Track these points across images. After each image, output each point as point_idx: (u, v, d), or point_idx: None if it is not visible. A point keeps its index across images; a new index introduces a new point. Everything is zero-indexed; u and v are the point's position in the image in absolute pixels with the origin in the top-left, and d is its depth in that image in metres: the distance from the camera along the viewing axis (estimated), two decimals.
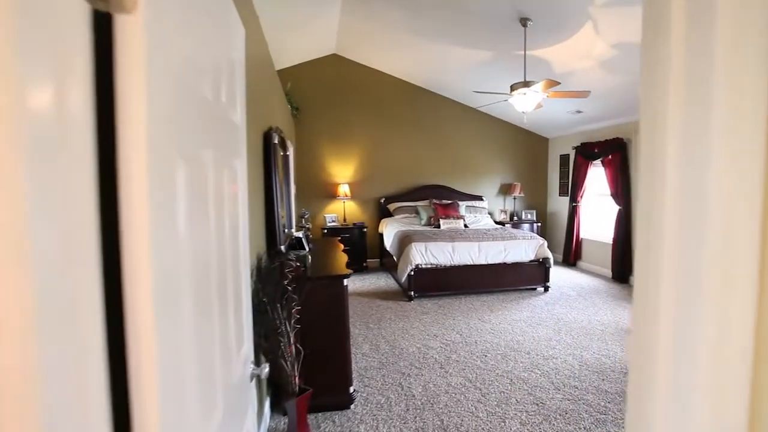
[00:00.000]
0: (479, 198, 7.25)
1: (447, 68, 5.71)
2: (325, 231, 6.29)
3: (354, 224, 6.53)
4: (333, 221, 6.54)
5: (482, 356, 3.37)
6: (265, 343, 1.92)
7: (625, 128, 5.87)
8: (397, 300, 4.95)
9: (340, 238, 4.32)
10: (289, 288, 2.18)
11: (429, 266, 4.92)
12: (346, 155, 6.77)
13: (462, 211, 6.68)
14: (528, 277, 5.26)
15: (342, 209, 6.71)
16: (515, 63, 4.79)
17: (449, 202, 6.71)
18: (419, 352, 3.44)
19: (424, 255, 4.87)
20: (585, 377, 3.01)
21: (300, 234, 3.11)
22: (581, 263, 6.88)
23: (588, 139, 6.55)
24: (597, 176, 6.49)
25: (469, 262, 5.02)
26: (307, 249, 3.21)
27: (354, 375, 3.00)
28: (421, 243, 4.90)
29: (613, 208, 6.01)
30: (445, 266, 4.97)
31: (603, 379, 2.98)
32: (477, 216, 6.79)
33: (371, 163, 6.88)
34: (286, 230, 3.38)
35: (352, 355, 3.34)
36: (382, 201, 6.86)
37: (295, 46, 5.73)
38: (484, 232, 5.46)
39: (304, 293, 2.27)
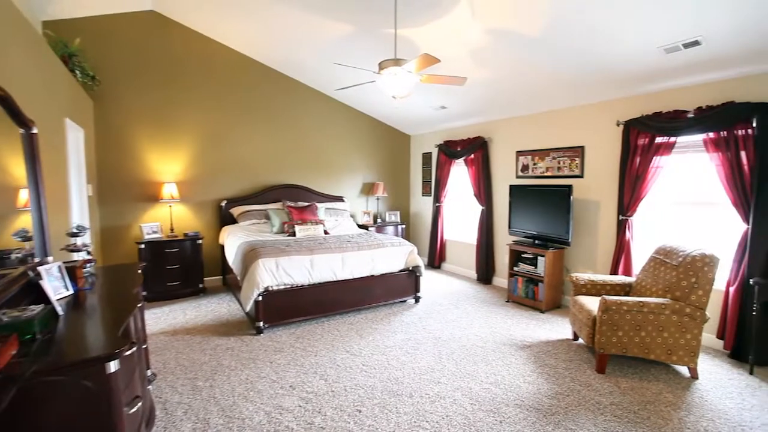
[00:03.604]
0: (340, 199, 6.47)
1: (301, 44, 4.73)
2: (142, 246, 4.71)
3: (185, 235, 5.07)
4: (154, 232, 4.97)
5: (355, 413, 2.53)
6: None
7: (487, 127, 5.74)
8: (242, 334, 3.80)
9: (143, 264, 2.94)
10: None
11: (282, 287, 3.90)
12: (173, 146, 5.25)
13: (321, 214, 5.79)
14: (398, 288, 4.64)
15: (168, 216, 5.18)
16: (382, 43, 4.09)
17: (306, 204, 5.75)
18: (269, 422, 2.42)
19: (275, 274, 3.83)
20: (481, 423, 2.41)
21: (47, 270, 1.80)
22: (446, 265, 6.64)
23: (451, 137, 6.32)
24: (460, 175, 6.29)
25: (332, 279, 4.16)
26: (61, 297, 1.91)
27: None
28: (270, 258, 3.84)
29: (477, 209, 5.84)
30: (302, 285, 4.01)
31: (501, 422, 2.42)
32: (338, 219, 5.98)
33: (208, 158, 5.50)
34: (32, 260, 2.02)
35: None
36: (224, 205, 5.55)
37: None
38: (347, 239, 4.66)
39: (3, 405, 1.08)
